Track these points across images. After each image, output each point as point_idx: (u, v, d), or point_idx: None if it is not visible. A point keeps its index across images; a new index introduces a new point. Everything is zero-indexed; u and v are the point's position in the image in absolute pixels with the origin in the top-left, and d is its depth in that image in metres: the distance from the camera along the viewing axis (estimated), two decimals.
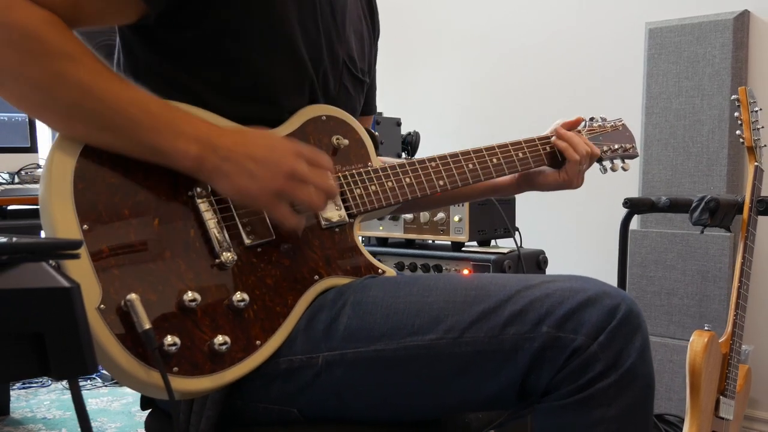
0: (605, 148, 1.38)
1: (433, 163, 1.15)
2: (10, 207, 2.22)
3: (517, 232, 2.21)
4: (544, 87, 2.87)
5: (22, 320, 0.64)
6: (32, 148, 2.83)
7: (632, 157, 1.44)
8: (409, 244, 2.30)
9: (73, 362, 0.67)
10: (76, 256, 0.73)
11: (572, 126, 1.32)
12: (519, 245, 2.16)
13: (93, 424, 2.64)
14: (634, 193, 2.60)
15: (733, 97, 1.83)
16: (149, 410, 1.09)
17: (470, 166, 1.18)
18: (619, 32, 2.68)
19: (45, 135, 3.79)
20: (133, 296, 0.84)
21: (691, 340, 1.63)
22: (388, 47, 3.31)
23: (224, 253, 0.92)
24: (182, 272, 0.91)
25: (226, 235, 0.94)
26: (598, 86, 2.75)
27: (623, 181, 2.65)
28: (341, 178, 1.06)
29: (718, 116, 2.42)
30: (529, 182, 1.32)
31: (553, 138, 1.28)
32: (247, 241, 0.96)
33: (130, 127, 0.88)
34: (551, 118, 1.39)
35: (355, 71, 1.18)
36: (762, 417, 2.41)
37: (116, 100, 0.88)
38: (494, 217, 2.18)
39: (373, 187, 1.08)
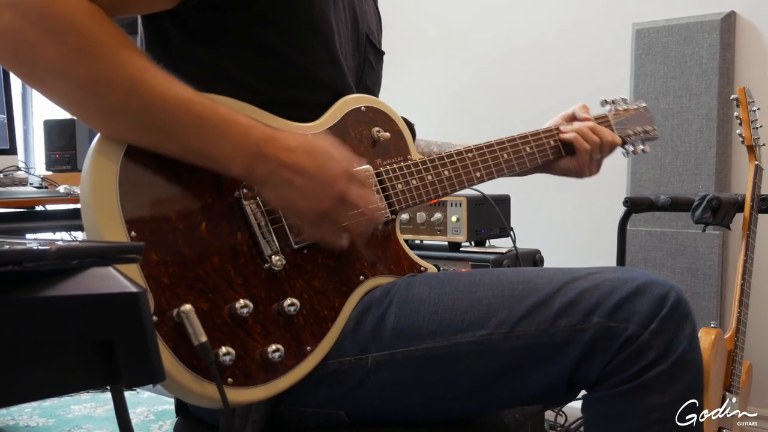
0: (629, 132, 1.39)
1: (470, 154, 1.15)
2: None
3: (511, 232, 2.22)
4: (531, 87, 2.88)
5: (94, 327, 0.61)
6: (11, 150, 2.75)
7: (653, 139, 1.45)
8: None
9: (142, 370, 0.64)
10: (138, 260, 0.71)
11: (582, 120, 1.31)
12: (515, 244, 2.16)
13: None
14: (622, 192, 2.62)
15: (733, 96, 1.85)
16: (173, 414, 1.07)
17: (505, 156, 1.19)
18: (606, 32, 2.70)
19: (21, 136, 3.71)
20: (187, 307, 0.81)
21: (698, 337, 1.64)
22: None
23: (273, 257, 0.90)
24: (232, 279, 0.88)
25: (274, 238, 0.92)
26: (585, 86, 2.77)
27: (612, 180, 2.67)
28: (383, 174, 1.05)
29: (706, 116, 2.45)
30: (543, 166, 1.31)
31: (561, 130, 1.29)
32: (294, 243, 0.93)
33: (177, 129, 0.85)
34: (540, 118, 1.38)
35: (377, 44, 1.18)
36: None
37: (162, 100, 0.83)
38: (491, 217, 2.18)
39: (414, 182, 1.07)
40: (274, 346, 0.87)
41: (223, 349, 0.84)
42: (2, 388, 0.57)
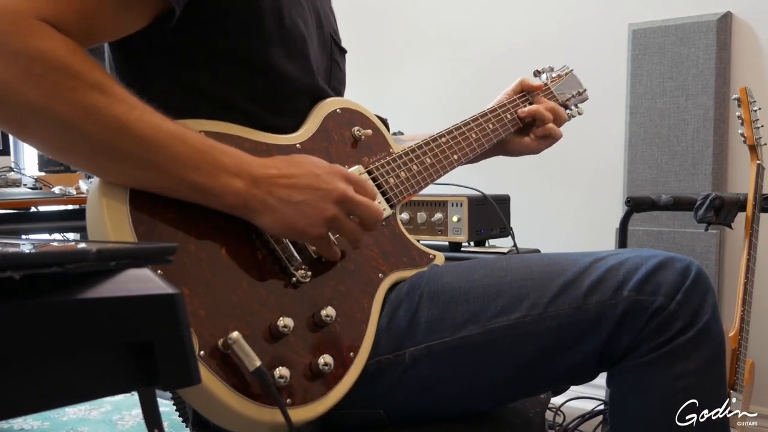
0: (568, 96, 1.44)
1: (443, 139, 1.17)
2: None
3: (511, 232, 2.22)
4: None
5: (134, 329, 0.61)
6: (5, 151, 2.72)
7: (585, 99, 1.50)
8: None
9: (179, 372, 0.64)
10: (170, 261, 0.71)
11: (531, 90, 1.36)
12: (516, 244, 2.17)
13: None
14: (619, 191, 2.63)
15: (734, 96, 1.86)
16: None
17: (473, 135, 1.22)
18: (603, 33, 2.71)
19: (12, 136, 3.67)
20: (235, 335, 0.79)
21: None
22: (374, 47, 3.30)
23: (298, 271, 0.90)
24: (264, 299, 0.86)
25: (294, 252, 0.91)
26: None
27: (610, 180, 2.69)
28: (374, 170, 1.06)
29: (702, 116, 2.46)
30: (501, 148, 1.34)
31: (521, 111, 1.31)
32: (313, 253, 0.93)
33: (170, 164, 0.82)
34: None
35: (340, 43, 1.18)
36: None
37: (154, 134, 0.80)
38: (491, 216, 2.18)
39: (403, 174, 1.09)
40: (321, 359, 0.86)
41: (277, 372, 0.82)
42: (43, 391, 0.57)
